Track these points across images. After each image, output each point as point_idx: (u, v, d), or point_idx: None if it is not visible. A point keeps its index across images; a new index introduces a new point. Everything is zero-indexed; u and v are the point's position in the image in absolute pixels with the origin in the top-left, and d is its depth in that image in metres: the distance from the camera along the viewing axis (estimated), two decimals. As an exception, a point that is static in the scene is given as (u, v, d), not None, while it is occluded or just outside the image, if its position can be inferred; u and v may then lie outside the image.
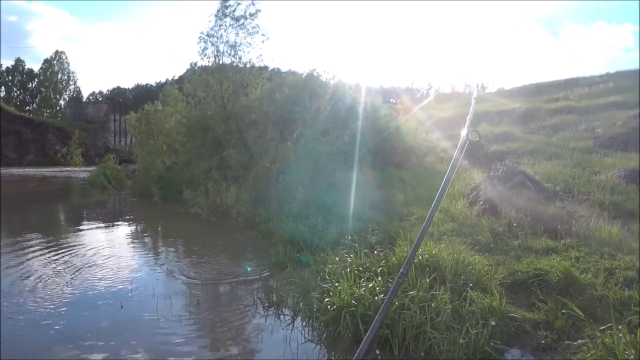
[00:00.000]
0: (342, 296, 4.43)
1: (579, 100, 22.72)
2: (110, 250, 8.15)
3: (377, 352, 3.83)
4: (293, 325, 4.69)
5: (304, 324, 4.68)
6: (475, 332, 3.89)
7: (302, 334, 4.45)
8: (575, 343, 3.85)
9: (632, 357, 3.29)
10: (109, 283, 6.14)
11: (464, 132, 2.97)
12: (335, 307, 4.36)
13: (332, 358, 4.06)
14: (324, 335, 4.34)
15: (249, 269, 6.78)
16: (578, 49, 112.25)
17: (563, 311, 4.30)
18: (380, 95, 21.89)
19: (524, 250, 6.26)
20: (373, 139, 14.86)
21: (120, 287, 5.96)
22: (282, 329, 4.61)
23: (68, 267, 6.87)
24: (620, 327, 3.74)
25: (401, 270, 2.71)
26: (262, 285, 5.92)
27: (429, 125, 21.99)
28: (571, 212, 7.57)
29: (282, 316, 4.94)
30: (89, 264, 7.06)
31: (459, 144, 3.06)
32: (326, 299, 4.56)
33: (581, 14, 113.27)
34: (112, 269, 6.81)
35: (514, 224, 7.16)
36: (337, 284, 4.79)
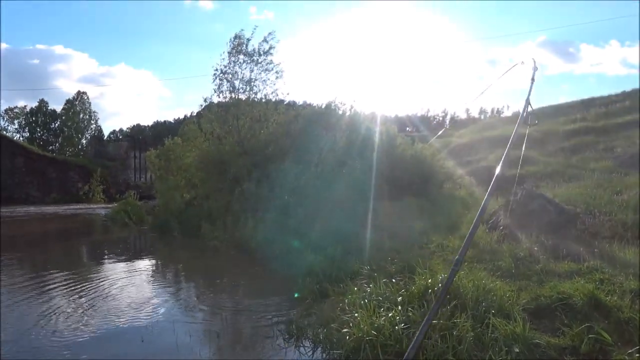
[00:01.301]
0: (361, 326, 4.39)
1: (597, 121, 22.52)
2: (130, 284, 8.24)
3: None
4: (313, 356, 4.65)
5: (325, 355, 4.64)
6: (498, 359, 3.81)
7: (322, 366, 4.42)
8: (602, 368, 3.74)
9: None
10: (129, 316, 6.20)
11: (497, 169, 2.90)
12: (354, 337, 4.32)
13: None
14: (344, 366, 4.29)
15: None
16: (592, 69, 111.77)
17: (590, 336, 4.19)
18: (395, 124, 21.99)
19: (547, 274, 6.14)
20: (389, 168, 14.87)
21: (141, 320, 6.01)
22: (302, 360, 4.57)
23: (89, 300, 7.00)
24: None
25: (457, 257, 2.63)
26: (282, 318, 5.90)
27: (446, 152, 21.96)
28: (593, 234, 7.45)
29: (302, 348, 4.91)
30: (110, 298, 7.17)
31: (495, 176, 2.99)
32: (344, 330, 4.53)
33: (593, 34, 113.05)
34: (132, 303, 6.88)
35: (535, 248, 7.05)
36: (356, 315, 4.77)
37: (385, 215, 11.73)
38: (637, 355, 3.65)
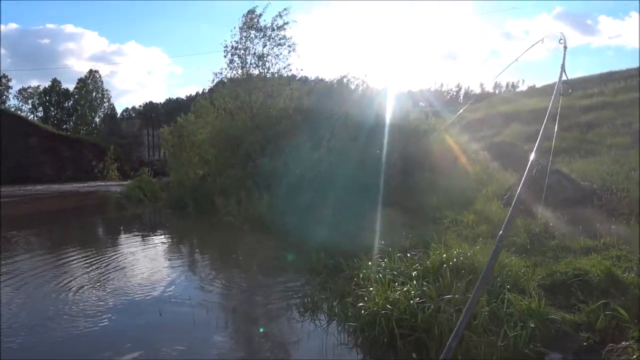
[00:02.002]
0: (376, 300, 4.42)
1: (615, 95, 22.04)
2: (147, 260, 8.37)
3: (414, 355, 3.81)
4: (328, 329, 4.70)
5: (339, 328, 4.68)
6: (513, 334, 3.82)
7: (337, 338, 4.45)
8: (619, 345, 3.72)
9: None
10: (146, 291, 6.31)
11: (532, 156, 2.72)
12: (369, 311, 4.35)
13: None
14: (359, 339, 4.33)
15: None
16: (611, 42, 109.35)
17: (606, 312, 4.17)
18: (409, 99, 21.75)
19: (562, 250, 6.11)
20: (403, 144, 14.77)
21: (157, 295, 6.11)
22: (318, 333, 4.62)
23: (106, 274, 7.17)
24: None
25: (500, 232, 2.56)
26: (297, 292, 5.96)
27: (460, 127, 21.74)
28: (610, 210, 7.37)
29: (317, 321, 4.96)
30: (128, 272, 7.33)
31: (527, 167, 2.80)
32: (360, 304, 4.56)
33: (612, 6, 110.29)
34: (149, 278, 7.02)
35: (551, 224, 7.00)
36: (371, 289, 4.79)
37: (399, 190, 11.70)
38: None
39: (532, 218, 7.62)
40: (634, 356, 3.49)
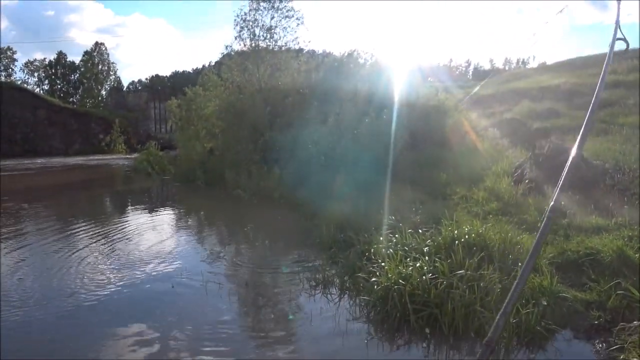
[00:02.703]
0: (389, 276, 4.45)
1: (628, 74, 21.67)
2: (160, 234, 8.44)
3: (427, 330, 3.86)
4: (339, 304, 4.74)
5: (351, 303, 4.73)
6: (525, 311, 3.85)
7: (349, 312, 4.50)
8: (631, 325, 3.74)
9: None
10: (159, 263, 6.39)
11: (573, 151, 2.52)
12: (382, 286, 4.38)
13: (381, 335, 4.08)
14: (372, 314, 4.37)
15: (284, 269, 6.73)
16: (625, 19, 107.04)
17: (617, 292, 4.18)
18: (419, 74, 21.53)
19: (573, 229, 6.10)
20: (411, 119, 14.69)
21: (170, 268, 6.17)
22: (330, 308, 4.66)
23: (117, 246, 7.28)
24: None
25: (551, 203, 2.50)
26: (308, 266, 6.00)
27: (469, 103, 21.55)
28: (622, 190, 7.33)
29: (329, 295, 5.00)
30: (141, 246, 7.41)
31: (569, 163, 2.58)
32: (373, 279, 4.59)
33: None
34: (161, 251, 7.08)
35: (562, 203, 6.97)
36: (383, 264, 4.82)
37: (408, 165, 11.67)
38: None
39: (542, 196, 7.60)
40: (646, 335, 3.51)
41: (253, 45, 17.60)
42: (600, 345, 3.72)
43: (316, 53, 23.72)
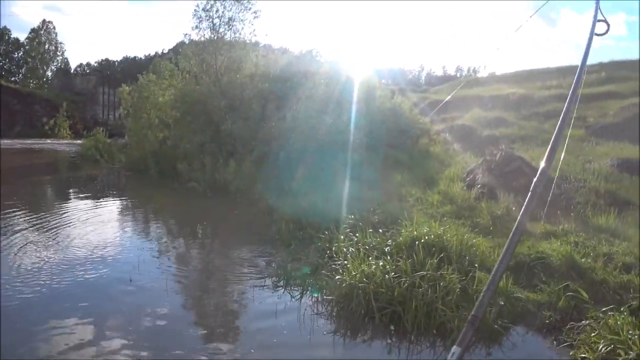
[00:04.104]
0: (353, 274, 4.53)
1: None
2: (109, 225, 8.14)
3: (392, 327, 3.96)
4: (302, 301, 4.77)
5: (314, 300, 4.77)
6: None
7: (312, 309, 4.54)
8: (579, 324, 3.99)
9: (635, 337, 3.43)
10: (116, 257, 6.18)
11: (542, 163, 2.48)
12: (346, 284, 4.46)
13: (345, 330, 4.15)
14: (336, 310, 4.43)
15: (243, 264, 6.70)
16: (571, 36, 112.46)
17: (568, 293, 4.44)
18: (375, 76, 21.84)
19: (524, 234, 6.39)
20: (367, 120, 14.91)
21: (128, 262, 5.92)
22: (294, 304, 4.68)
23: (66, 242, 6.79)
24: (622, 309, 3.91)
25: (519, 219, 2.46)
26: (268, 262, 6.01)
27: (423, 108, 22.07)
28: (568, 199, 7.74)
29: (292, 292, 5.00)
30: (96, 238, 7.04)
31: (539, 173, 2.52)
32: (337, 277, 4.66)
33: (575, 2, 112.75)
34: (117, 245, 6.83)
35: (513, 208, 7.29)
36: (346, 262, 4.91)
37: (364, 166, 11.84)
38: (611, 314, 3.91)
39: (494, 202, 7.91)
40: (592, 334, 3.75)
41: (213, 36, 17.36)
42: (552, 343, 3.96)
43: (272, 47, 23.64)
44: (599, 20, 2.95)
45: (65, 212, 8.89)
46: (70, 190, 12.87)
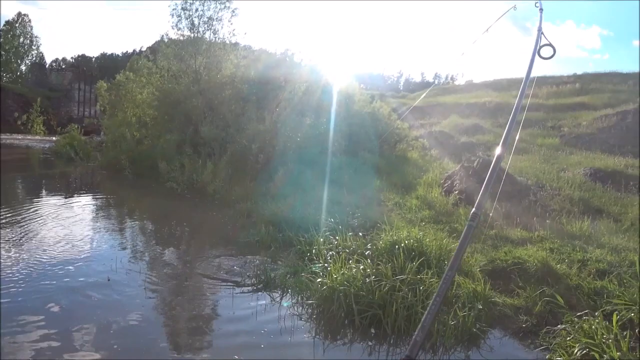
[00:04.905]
0: (334, 277, 4.54)
1: (547, 99, 23.38)
2: (85, 225, 7.98)
3: (372, 331, 3.99)
4: (280, 303, 4.76)
5: (294, 302, 4.76)
6: (463, 314, 4.09)
7: (292, 312, 4.53)
8: (555, 328, 4.08)
9: (609, 340, 3.52)
10: (95, 256, 6.06)
11: (497, 150, 2.52)
12: (327, 287, 4.46)
13: (325, 333, 4.15)
14: (316, 313, 4.43)
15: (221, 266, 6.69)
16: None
17: (544, 298, 4.54)
18: (354, 80, 21.98)
19: (500, 239, 6.53)
20: (347, 124, 15.01)
21: (105, 264, 5.78)
22: (274, 307, 4.67)
23: (41, 243, 6.62)
24: (596, 314, 4.01)
25: (473, 210, 2.48)
26: (247, 264, 5.96)
27: (401, 113, 22.28)
28: (544, 206, 7.90)
29: (270, 294, 4.98)
30: (73, 238, 6.86)
31: (494, 160, 2.56)
32: (318, 280, 4.66)
33: (552, 12, 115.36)
34: (95, 245, 6.70)
35: (490, 214, 7.40)
36: (326, 265, 4.93)
37: (343, 169, 11.89)
38: (585, 318, 4.00)
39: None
40: (568, 338, 3.83)
41: (192, 35, 17.22)
42: (529, 347, 4.03)
43: (252, 48, 23.56)
44: (544, 45, 2.95)
45: (36, 210, 8.65)
46: (43, 189, 12.58)
